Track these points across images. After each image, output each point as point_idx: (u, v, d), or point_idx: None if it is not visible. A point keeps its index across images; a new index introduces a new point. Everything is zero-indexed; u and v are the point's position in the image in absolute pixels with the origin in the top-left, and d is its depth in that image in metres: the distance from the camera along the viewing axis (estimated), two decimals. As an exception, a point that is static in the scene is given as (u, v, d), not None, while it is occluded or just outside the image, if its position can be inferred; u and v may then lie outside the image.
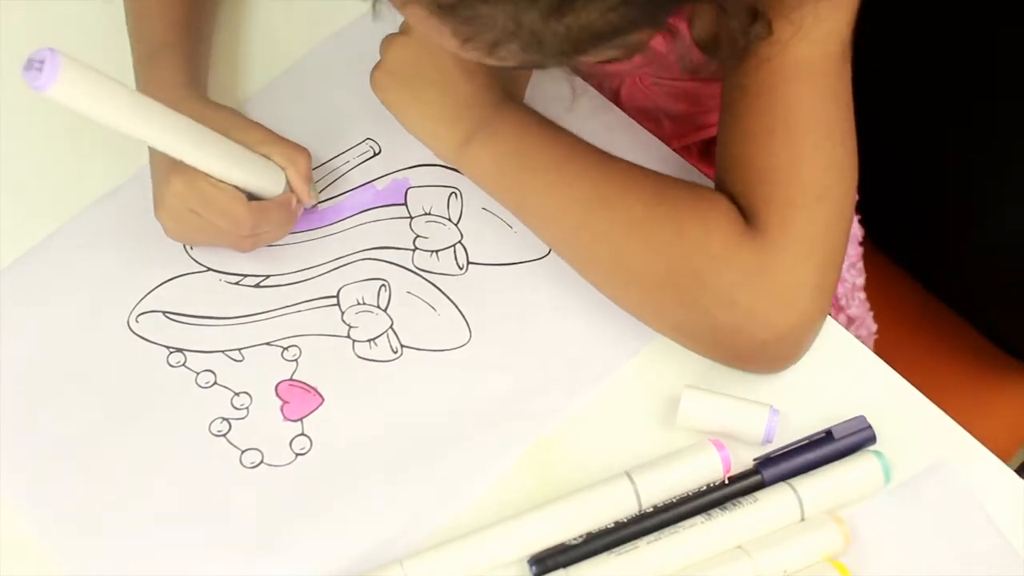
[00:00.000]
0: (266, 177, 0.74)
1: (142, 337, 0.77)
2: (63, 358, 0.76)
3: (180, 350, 0.76)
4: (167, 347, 0.76)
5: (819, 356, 0.71)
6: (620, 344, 0.74)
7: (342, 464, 0.72)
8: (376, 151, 0.82)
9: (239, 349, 0.76)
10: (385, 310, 0.77)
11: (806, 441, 0.69)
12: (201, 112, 0.72)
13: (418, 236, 0.79)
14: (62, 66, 0.60)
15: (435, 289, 0.77)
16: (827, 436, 0.69)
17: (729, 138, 0.71)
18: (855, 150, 0.70)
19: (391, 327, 0.76)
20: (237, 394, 0.75)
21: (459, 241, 0.78)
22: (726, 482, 0.69)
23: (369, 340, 0.76)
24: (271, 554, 0.70)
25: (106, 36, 0.82)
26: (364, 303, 0.77)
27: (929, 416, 0.72)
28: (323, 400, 0.74)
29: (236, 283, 0.78)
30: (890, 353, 0.75)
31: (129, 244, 0.79)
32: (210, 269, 0.79)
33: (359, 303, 0.77)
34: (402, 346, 0.75)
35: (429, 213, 0.79)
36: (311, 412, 0.74)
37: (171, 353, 0.76)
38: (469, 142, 0.76)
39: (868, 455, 0.68)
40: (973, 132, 0.90)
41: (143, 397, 0.75)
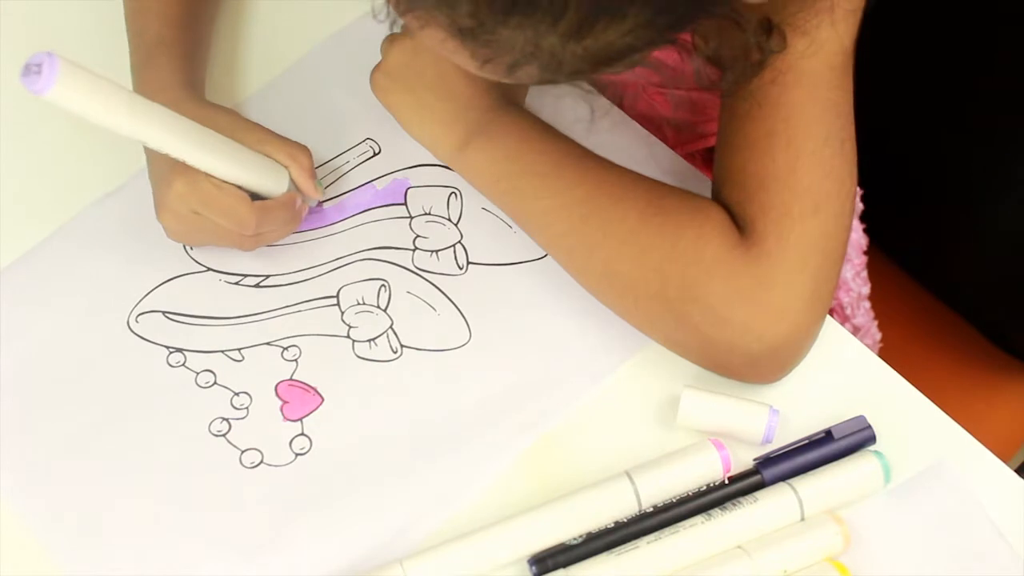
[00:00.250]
0: (268, 176, 0.74)
1: (142, 337, 0.77)
2: (63, 358, 0.76)
3: (180, 350, 0.76)
4: (167, 347, 0.76)
5: (819, 356, 0.71)
6: (620, 344, 0.74)
7: (342, 464, 0.72)
8: (376, 151, 0.82)
9: (239, 349, 0.76)
10: (385, 310, 0.77)
11: (806, 441, 0.69)
12: (200, 113, 0.72)
13: (418, 236, 0.79)
14: (60, 70, 0.60)
15: (435, 289, 0.77)
16: (827, 436, 0.69)
17: (728, 146, 0.71)
18: (855, 159, 0.69)
19: (391, 327, 0.76)
20: (237, 394, 0.75)
21: (459, 241, 0.78)
22: (726, 482, 0.69)
23: (369, 340, 0.76)
24: (271, 554, 0.69)
25: (106, 36, 0.82)
26: (364, 303, 0.77)
27: (929, 416, 0.72)
28: (323, 400, 0.74)
29: (236, 283, 0.78)
30: (891, 353, 0.75)
31: (129, 244, 0.79)
32: (210, 269, 0.79)
33: (359, 303, 0.77)
34: (402, 346, 0.75)
35: (429, 213, 0.79)
36: (311, 412, 0.74)
37: (171, 353, 0.76)
38: (467, 145, 0.76)
39: (868, 455, 0.68)
40: (973, 133, 0.90)
41: (143, 397, 0.75)
